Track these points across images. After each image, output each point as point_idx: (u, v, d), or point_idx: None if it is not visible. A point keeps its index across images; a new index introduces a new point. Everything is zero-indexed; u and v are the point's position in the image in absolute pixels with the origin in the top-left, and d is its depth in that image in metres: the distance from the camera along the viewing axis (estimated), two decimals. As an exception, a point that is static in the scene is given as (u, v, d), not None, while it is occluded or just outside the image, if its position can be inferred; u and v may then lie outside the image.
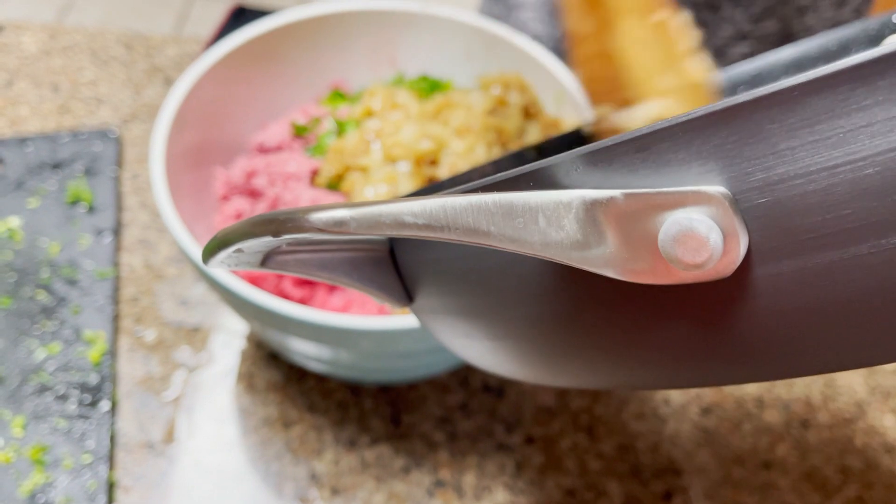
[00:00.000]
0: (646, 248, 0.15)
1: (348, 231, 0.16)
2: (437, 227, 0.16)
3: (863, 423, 0.42)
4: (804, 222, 0.14)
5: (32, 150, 0.51)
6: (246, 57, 0.43)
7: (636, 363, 0.18)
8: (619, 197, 0.15)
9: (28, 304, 0.44)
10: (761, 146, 0.14)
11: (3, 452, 0.38)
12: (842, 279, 0.14)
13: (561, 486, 0.39)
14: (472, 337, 0.22)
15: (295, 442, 0.40)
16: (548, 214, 0.16)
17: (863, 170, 0.14)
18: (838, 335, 0.15)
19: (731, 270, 0.15)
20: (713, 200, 0.15)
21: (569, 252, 0.16)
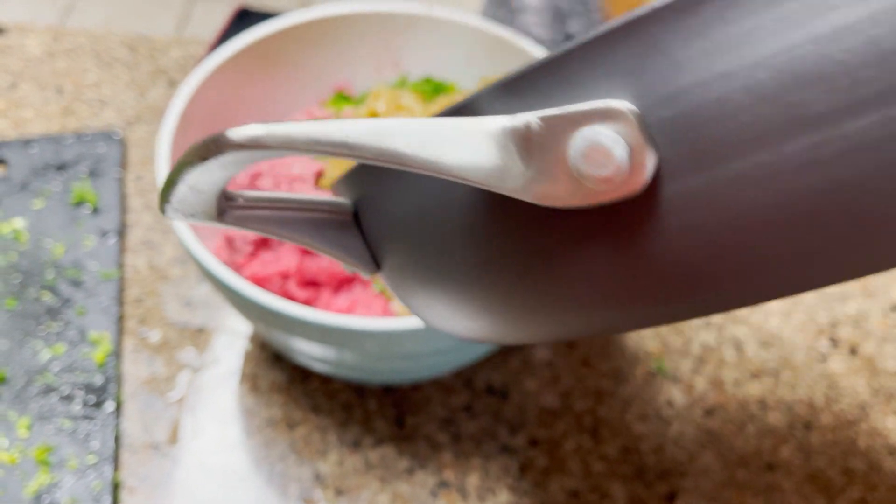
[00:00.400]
0: (560, 169, 0.15)
1: (264, 145, 0.16)
2: (353, 146, 0.16)
3: (866, 425, 0.42)
4: (708, 132, 0.14)
5: (37, 151, 0.51)
6: (250, 59, 0.43)
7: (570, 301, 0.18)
8: (531, 120, 0.15)
9: (33, 305, 0.44)
10: (661, 58, 0.15)
11: (8, 453, 0.38)
12: (748, 191, 0.14)
13: (565, 488, 0.39)
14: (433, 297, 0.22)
15: (299, 443, 0.40)
16: (465, 139, 0.16)
17: (756, 74, 0.14)
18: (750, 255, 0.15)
19: (641, 186, 0.15)
20: (618, 115, 0.15)
21: (487, 177, 0.16)
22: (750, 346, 0.45)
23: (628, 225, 0.16)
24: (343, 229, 0.23)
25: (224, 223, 0.20)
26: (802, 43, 0.13)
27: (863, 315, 0.46)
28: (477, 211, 0.19)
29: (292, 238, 0.22)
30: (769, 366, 0.44)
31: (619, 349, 0.44)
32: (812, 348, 0.45)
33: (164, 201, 0.19)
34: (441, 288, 0.21)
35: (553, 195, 0.16)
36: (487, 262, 0.19)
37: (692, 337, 0.45)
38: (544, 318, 0.19)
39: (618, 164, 0.15)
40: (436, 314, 0.22)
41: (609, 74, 0.15)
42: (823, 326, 0.46)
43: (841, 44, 0.13)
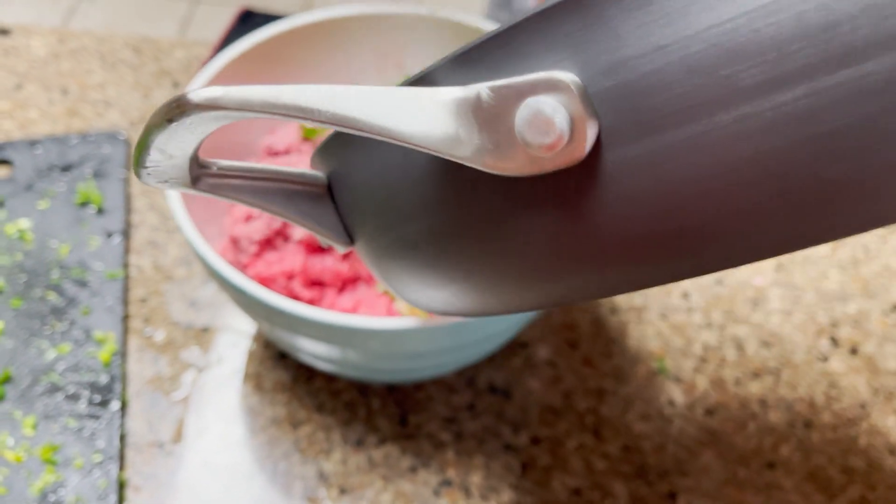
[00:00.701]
0: (508, 138, 0.16)
1: (222, 106, 0.16)
2: (308, 109, 0.16)
3: (866, 424, 0.42)
4: (647, 103, 0.15)
5: (42, 152, 0.51)
6: (254, 61, 0.44)
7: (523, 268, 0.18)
8: (482, 90, 0.16)
9: (38, 304, 0.44)
10: (603, 30, 0.15)
11: (14, 452, 0.39)
12: (684, 160, 0.15)
13: (567, 487, 0.39)
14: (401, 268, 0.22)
15: (303, 441, 0.40)
16: (419, 107, 0.17)
17: (690, 47, 0.14)
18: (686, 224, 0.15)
19: (583, 154, 0.15)
20: (560, 85, 0.15)
21: (439, 144, 0.17)
22: (750, 345, 0.45)
23: (573, 192, 0.16)
24: (317, 201, 0.24)
25: (198, 190, 0.21)
26: (734, 17, 0.14)
27: (863, 315, 0.46)
28: (435, 179, 0.19)
29: (266, 208, 0.23)
30: (770, 365, 0.44)
31: (620, 349, 0.44)
32: (812, 348, 0.45)
33: (138, 166, 0.19)
34: (405, 257, 0.21)
35: (502, 163, 0.16)
36: (445, 231, 0.19)
37: (693, 337, 0.45)
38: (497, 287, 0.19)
39: (559, 132, 0.15)
40: (404, 285, 0.22)
41: (556, 45, 0.16)
42: (824, 326, 0.46)
43: (770, 18, 0.13)
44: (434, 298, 0.21)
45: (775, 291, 0.47)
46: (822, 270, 0.48)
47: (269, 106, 0.16)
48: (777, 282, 0.48)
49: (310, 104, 0.16)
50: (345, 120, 0.16)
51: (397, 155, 0.20)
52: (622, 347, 0.44)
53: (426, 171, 0.19)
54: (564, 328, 0.45)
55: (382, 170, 0.21)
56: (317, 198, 0.24)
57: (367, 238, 0.23)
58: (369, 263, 0.24)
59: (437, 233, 0.20)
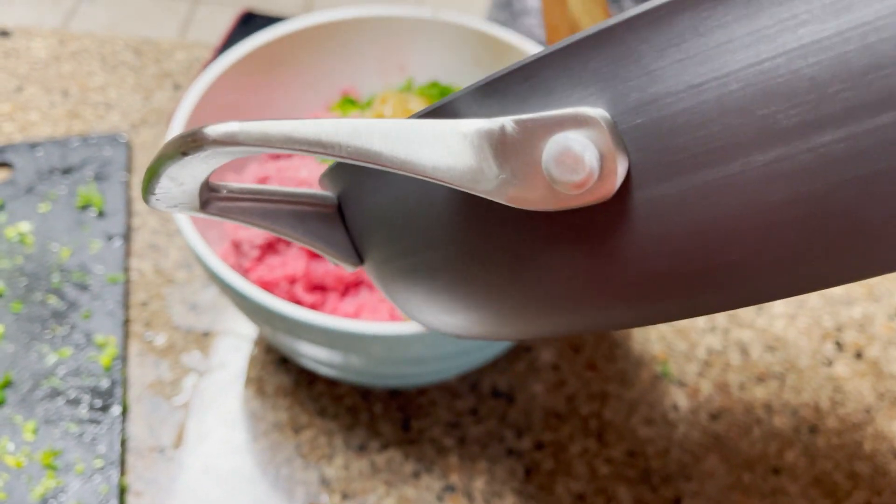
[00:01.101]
0: (533, 173, 0.16)
1: (239, 142, 0.16)
2: (328, 144, 0.16)
3: (871, 429, 0.42)
4: (678, 142, 0.15)
5: (42, 155, 0.51)
6: (256, 63, 0.44)
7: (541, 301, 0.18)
8: (507, 123, 0.16)
9: (39, 308, 0.44)
10: (634, 67, 0.15)
11: (14, 457, 0.38)
12: (716, 200, 0.14)
13: (570, 491, 0.39)
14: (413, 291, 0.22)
15: (305, 446, 0.40)
16: (440, 140, 0.16)
17: (727, 86, 0.14)
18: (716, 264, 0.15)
19: (612, 192, 0.15)
20: (590, 121, 0.15)
21: (461, 178, 0.16)
22: (755, 349, 0.45)
23: (599, 230, 0.16)
24: (327, 222, 0.24)
25: (207, 214, 0.21)
26: (773, 56, 0.13)
27: (868, 319, 0.46)
28: (455, 209, 0.19)
29: (275, 230, 0.23)
30: (774, 369, 0.44)
31: (624, 353, 0.44)
32: (817, 352, 0.45)
33: (147, 192, 0.19)
34: (420, 283, 0.21)
35: (526, 198, 0.16)
36: (463, 260, 0.19)
37: (697, 341, 0.45)
38: (516, 316, 0.19)
39: (588, 169, 0.15)
40: (416, 308, 0.22)
41: (584, 81, 0.15)
42: (829, 330, 0.46)
43: (810, 59, 0.13)
44: (447, 323, 0.21)
45: (780, 295, 0.47)
46: (826, 274, 0.48)
47: (289, 141, 0.16)
48: (781, 285, 0.47)
49: (331, 139, 0.16)
50: (367, 155, 0.16)
51: (416, 181, 0.19)
52: (626, 351, 0.44)
53: (446, 200, 0.19)
54: (568, 332, 0.45)
55: (399, 195, 0.20)
56: (326, 218, 0.23)
57: (379, 261, 0.22)
58: (379, 284, 0.24)
59: (455, 261, 0.19)
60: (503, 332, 0.20)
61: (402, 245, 0.21)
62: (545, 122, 0.15)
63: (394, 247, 0.21)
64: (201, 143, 0.16)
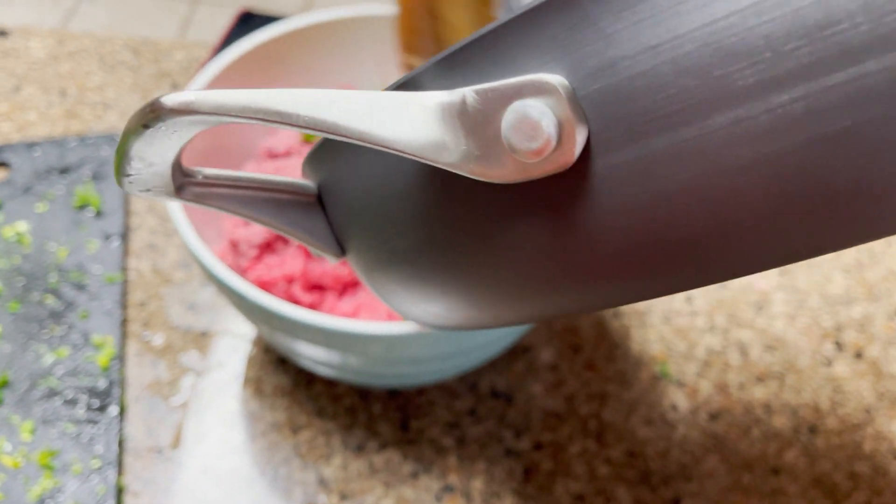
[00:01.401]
0: (494, 143, 0.15)
1: (195, 110, 0.16)
2: (285, 114, 0.16)
3: (871, 429, 0.42)
4: (636, 106, 0.14)
5: (40, 154, 0.51)
6: (254, 62, 0.43)
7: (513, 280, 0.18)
8: (467, 94, 0.15)
9: (36, 308, 0.44)
10: (591, 31, 0.14)
11: (11, 457, 0.38)
12: (677, 165, 0.14)
13: (570, 492, 0.39)
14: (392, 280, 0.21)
15: (303, 447, 0.40)
16: (402, 112, 0.16)
17: (682, 47, 0.14)
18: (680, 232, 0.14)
19: (571, 160, 0.15)
20: (548, 88, 0.15)
21: (423, 150, 0.16)
22: (754, 349, 0.44)
23: (562, 200, 0.16)
24: (308, 212, 0.23)
25: (182, 199, 0.20)
26: (727, 15, 0.13)
27: (868, 319, 0.46)
28: (425, 190, 0.19)
29: (254, 218, 0.22)
30: (774, 369, 0.44)
31: (623, 353, 0.44)
32: (817, 352, 0.45)
33: (119, 174, 0.18)
34: (399, 271, 0.21)
35: (489, 170, 0.16)
36: (436, 243, 0.19)
37: (697, 341, 0.45)
38: (490, 299, 0.19)
39: (546, 136, 0.15)
40: (398, 298, 0.22)
41: (542, 48, 0.15)
42: (828, 330, 0.45)
43: (764, 16, 0.13)
44: (428, 312, 0.21)
45: (779, 295, 0.47)
46: (826, 274, 0.48)
47: (246, 110, 0.16)
48: (781, 285, 0.47)
49: (288, 108, 0.16)
50: (325, 125, 0.16)
51: (387, 165, 0.19)
52: (625, 351, 0.44)
53: (416, 182, 0.19)
54: (567, 332, 0.45)
55: (372, 181, 0.20)
56: (307, 208, 0.23)
57: (359, 250, 0.22)
58: (361, 275, 0.23)
59: (428, 245, 0.19)
60: (480, 318, 0.20)
61: (376, 231, 0.21)
62: (504, 90, 0.15)
63: (369, 233, 0.21)
64: (159, 113, 0.16)
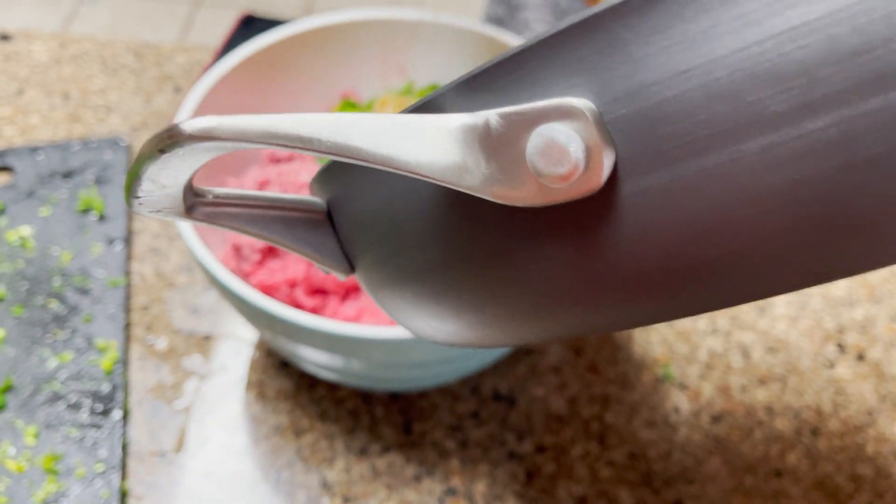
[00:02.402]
0: (518, 167, 0.15)
1: (216, 136, 0.16)
2: (307, 139, 0.16)
3: (873, 431, 0.42)
4: (666, 131, 0.14)
5: (43, 158, 0.51)
6: (257, 66, 0.44)
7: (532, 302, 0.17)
8: (491, 117, 0.15)
9: (40, 312, 0.44)
10: (619, 55, 0.14)
11: (15, 461, 0.38)
12: (706, 191, 0.14)
13: (572, 494, 0.39)
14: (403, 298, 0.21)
15: (306, 450, 0.40)
16: (423, 135, 0.16)
17: (713, 72, 0.14)
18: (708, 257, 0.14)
19: (599, 185, 0.15)
20: (575, 112, 0.14)
21: (445, 174, 0.16)
22: (757, 351, 0.44)
23: (587, 225, 0.15)
24: (316, 229, 0.23)
25: (193, 219, 0.20)
26: (760, 41, 0.13)
27: (870, 320, 0.46)
28: (440, 209, 0.18)
29: (263, 236, 0.22)
30: (776, 372, 0.44)
31: (625, 355, 0.44)
32: (819, 354, 0.45)
33: (130, 196, 0.18)
34: (409, 287, 0.21)
35: (512, 194, 0.16)
36: (452, 262, 0.19)
37: (699, 343, 0.45)
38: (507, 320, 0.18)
39: (574, 161, 0.14)
40: (407, 315, 0.22)
41: (568, 71, 0.15)
42: (830, 332, 0.45)
43: (798, 42, 0.13)
44: (439, 330, 0.21)
45: (781, 297, 0.47)
46: (827, 275, 0.48)
47: (267, 136, 0.16)
48: (783, 287, 0.47)
49: (310, 134, 0.16)
50: (347, 150, 0.16)
51: (402, 183, 0.19)
52: (627, 354, 0.44)
53: (432, 200, 0.18)
54: (569, 335, 0.45)
55: (386, 198, 0.20)
56: (316, 225, 0.23)
57: (369, 267, 0.22)
58: (370, 292, 0.23)
59: (444, 264, 0.19)
60: (493, 337, 0.20)
61: (389, 248, 0.20)
62: (529, 114, 0.15)
63: (381, 250, 0.21)
64: (177, 139, 0.16)
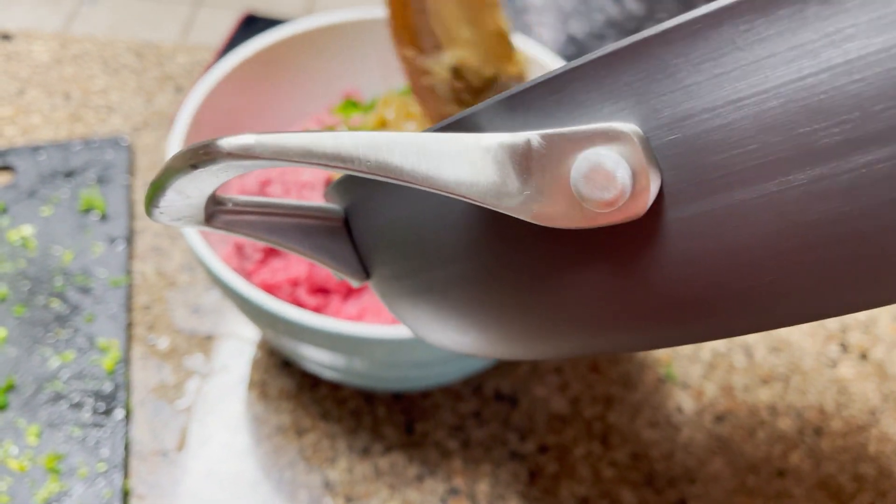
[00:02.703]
0: (560, 189, 0.15)
1: (255, 155, 0.16)
2: (347, 158, 0.15)
3: (876, 431, 0.42)
4: (713, 159, 0.14)
5: (44, 158, 0.51)
6: (259, 66, 0.43)
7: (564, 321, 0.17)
8: (533, 138, 0.15)
9: (42, 312, 0.44)
10: (668, 81, 0.14)
11: (18, 461, 0.38)
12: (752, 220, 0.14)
13: (575, 495, 0.39)
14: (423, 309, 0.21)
15: (308, 450, 0.40)
16: (464, 155, 0.16)
17: (766, 102, 0.13)
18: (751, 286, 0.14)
19: (643, 210, 0.15)
20: (622, 137, 0.14)
21: (484, 194, 0.16)
22: (759, 351, 0.44)
23: (628, 248, 0.15)
24: (333, 236, 0.23)
25: (212, 227, 0.20)
26: (816, 73, 0.13)
27: (872, 320, 0.46)
28: (472, 224, 0.18)
29: (280, 244, 0.22)
30: (779, 371, 0.44)
31: (628, 355, 0.44)
32: (822, 354, 0.44)
33: (151, 205, 0.18)
34: (432, 301, 0.20)
35: (551, 215, 0.15)
36: (479, 278, 0.19)
37: (701, 343, 0.45)
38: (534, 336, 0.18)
39: (620, 187, 0.14)
40: (426, 326, 0.22)
41: (614, 95, 0.15)
42: (833, 332, 0.45)
43: (855, 76, 0.13)
44: (458, 342, 0.21)
45: (783, 296, 0.47)
46: (830, 275, 0.48)
47: (307, 155, 0.16)
48: (785, 287, 0.47)
49: (351, 153, 0.15)
50: (388, 170, 0.16)
51: (430, 197, 0.19)
52: (629, 354, 0.44)
53: (463, 215, 0.18)
54: (571, 334, 0.45)
55: (412, 210, 0.20)
56: (333, 232, 0.23)
57: (389, 277, 0.22)
58: (385, 300, 0.23)
59: (471, 279, 0.19)
60: (515, 352, 0.19)
61: (414, 262, 0.20)
62: (574, 136, 0.15)
63: (405, 263, 0.21)
64: (214, 156, 0.16)
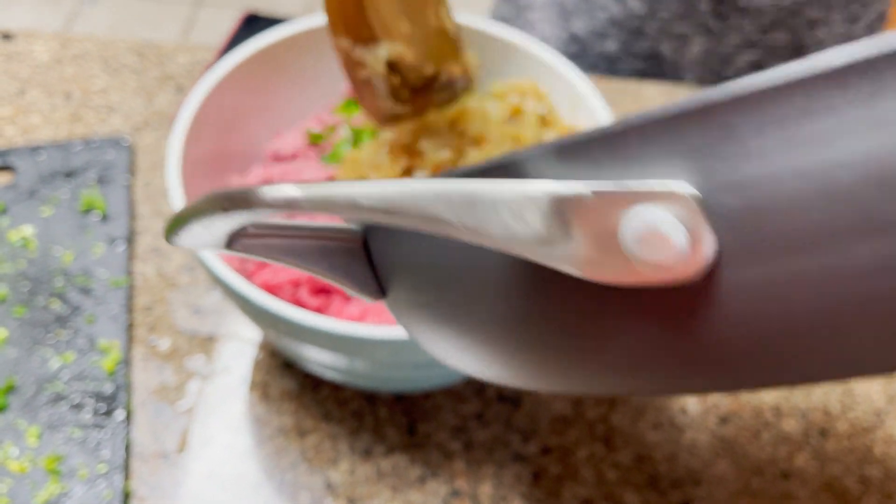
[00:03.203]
0: (610, 245, 0.15)
1: (299, 209, 0.15)
2: (394, 212, 0.15)
3: (881, 433, 0.41)
4: (773, 226, 0.14)
5: (45, 158, 0.51)
6: (260, 65, 0.43)
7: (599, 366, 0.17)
8: (584, 191, 0.15)
9: (42, 313, 0.44)
10: (731, 145, 0.14)
11: (18, 462, 0.38)
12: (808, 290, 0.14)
13: (577, 496, 0.39)
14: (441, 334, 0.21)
15: (310, 451, 0.40)
16: (511, 206, 0.15)
17: (834, 173, 0.13)
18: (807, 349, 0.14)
19: (698, 274, 0.14)
20: (680, 199, 0.14)
21: (532, 247, 0.15)
22: (763, 352, 0.44)
23: (676, 308, 0.15)
24: (351, 256, 0.23)
25: (232, 251, 0.20)
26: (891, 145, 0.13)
27: (877, 321, 0.46)
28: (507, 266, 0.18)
29: (298, 265, 0.22)
30: (783, 372, 0.43)
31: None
32: (826, 354, 0.44)
33: (172, 234, 0.18)
34: (457, 332, 0.20)
35: (599, 271, 0.15)
36: (513, 320, 0.18)
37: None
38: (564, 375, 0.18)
39: (676, 251, 0.14)
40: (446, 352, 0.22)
41: (672, 154, 0.14)
42: (837, 332, 0.45)
43: None
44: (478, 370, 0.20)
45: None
46: (834, 275, 0.48)
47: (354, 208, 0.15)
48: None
49: (398, 207, 0.15)
50: (434, 223, 0.15)
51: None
52: (633, 354, 0.44)
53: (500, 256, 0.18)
54: (574, 335, 0.45)
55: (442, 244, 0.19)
56: (351, 253, 0.23)
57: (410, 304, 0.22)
58: (403, 322, 0.23)
59: (505, 319, 0.18)
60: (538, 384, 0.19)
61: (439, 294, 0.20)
62: (627, 192, 0.14)
63: (429, 294, 0.20)
64: (253, 204, 0.15)
